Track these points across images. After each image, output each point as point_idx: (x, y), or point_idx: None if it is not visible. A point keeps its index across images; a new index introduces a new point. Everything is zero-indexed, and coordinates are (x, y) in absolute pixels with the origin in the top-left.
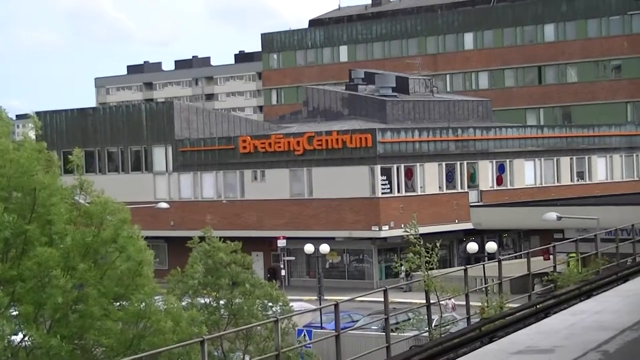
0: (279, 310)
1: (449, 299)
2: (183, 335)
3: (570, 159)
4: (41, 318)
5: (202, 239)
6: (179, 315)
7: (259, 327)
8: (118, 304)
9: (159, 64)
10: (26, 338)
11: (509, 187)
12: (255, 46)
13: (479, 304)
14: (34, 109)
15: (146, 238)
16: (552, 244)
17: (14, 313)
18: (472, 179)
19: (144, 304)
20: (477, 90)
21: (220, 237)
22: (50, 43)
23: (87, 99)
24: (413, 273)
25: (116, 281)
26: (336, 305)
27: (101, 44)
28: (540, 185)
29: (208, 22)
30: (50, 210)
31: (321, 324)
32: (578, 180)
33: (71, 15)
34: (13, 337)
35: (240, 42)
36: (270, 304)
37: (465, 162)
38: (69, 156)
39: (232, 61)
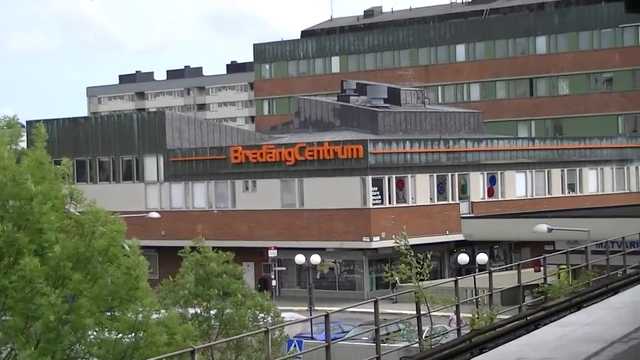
0: (270, 321)
1: (455, 313)
2: (177, 348)
3: (562, 171)
4: (31, 328)
5: (193, 248)
6: (174, 328)
7: (249, 338)
8: (109, 313)
9: (151, 73)
10: (14, 352)
11: (500, 199)
12: (247, 56)
13: (470, 315)
14: (25, 118)
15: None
16: (543, 256)
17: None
18: (463, 190)
19: (140, 315)
20: (469, 102)
21: (213, 248)
22: (41, 52)
23: (79, 108)
24: (401, 284)
25: (109, 292)
26: (327, 316)
27: (93, 53)
28: (531, 197)
29: (200, 32)
30: (41, 219)
31: (312, 334)
32: (569, 192)
33: (62, 24)
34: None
35: (232, 53)
36: (261, 314)
37: (456, 174)
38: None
39: (224, 71)
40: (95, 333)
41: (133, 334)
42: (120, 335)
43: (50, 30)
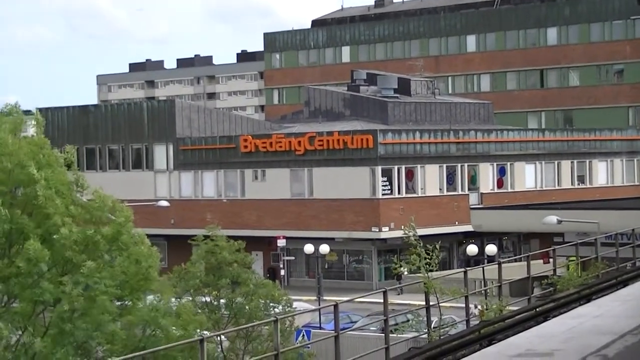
0: (281, 310)
1: (475, 306)
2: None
3: (571, 162)
4: (39, 316)
5: (206, 237)
6: (187, 319)
7: (260, 327)
8: (120, 303)
9: (161, 62)
10: (25, 340)
11: (509, 190)
12: (257, 46)
13: (479, 306)
14: (35, 106)
15: (146, 236)
16: (552, 248)
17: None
18: (473, 181)
19: (154, 310)
20: (479, 93)
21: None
22: (50, 39)
23: (89, 96)
24: (409, 275)
25: (119, 282)
26: (336, 306)
27: (102, 41)
28: (541, 189)
29: (210, 21)
30: (47, 203)
31: (320, 324)
32: (579, 184)
33: (69, 12)
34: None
35: (242, 42)
36: (272, 304)
37: (466, 165)
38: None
39: (234, 60)
40: (110, 327)
41: (146, 328)
42: (134, 326)
43: (56, 21)
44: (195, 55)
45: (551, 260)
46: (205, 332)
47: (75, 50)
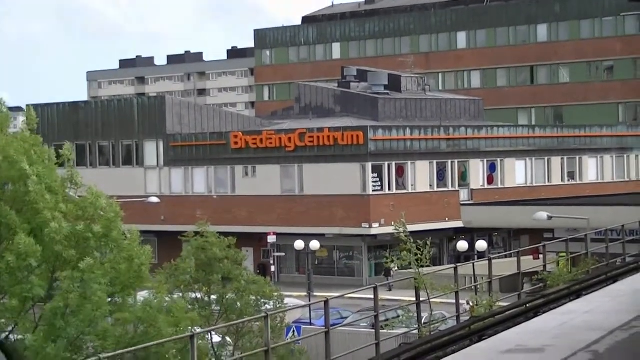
0: (272, 307)
1: (468, 303)
2: (183, 339)
3: (562, 159)
4: (30, 312)
5: (197, 233)
6: (179, 317)
7: (250, 324)
8: (110, 300)
9: (152, 58)
10: (17, 336)
11: (499, 186)
12: (248, 42)
13: (470, 302)
14: (25, 102)
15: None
16: (542, 244)
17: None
18: (463, 177)
19: (149, 308)
20: (469, 89)
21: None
22: (41, 36)
23: (79, 93)
24: (399, 271)
25: (111, 279)
26: (326, 302)
27: (93, 38)
28: (531, 185)
29: (200, 17)
30: (37, 199)
31: (310, 320)
32: (569, 180)
33: (61, 8)
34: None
35: (233, 38)
36: (263, 300)
37: (456, 161)
38: (60, 150)
39: (225, 57)
40: (102, 324)
41: (139, 326)
42: (127, 325)
43: (49, 16)
44: (186, 52)
45: (541, 256)
46: (197, 328)
47: (66, 47)
